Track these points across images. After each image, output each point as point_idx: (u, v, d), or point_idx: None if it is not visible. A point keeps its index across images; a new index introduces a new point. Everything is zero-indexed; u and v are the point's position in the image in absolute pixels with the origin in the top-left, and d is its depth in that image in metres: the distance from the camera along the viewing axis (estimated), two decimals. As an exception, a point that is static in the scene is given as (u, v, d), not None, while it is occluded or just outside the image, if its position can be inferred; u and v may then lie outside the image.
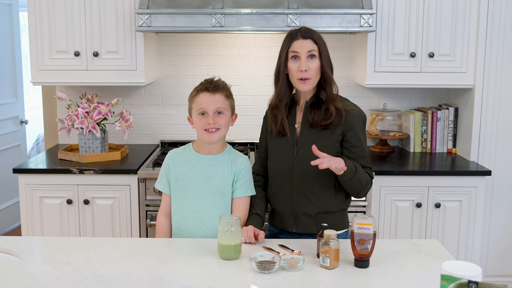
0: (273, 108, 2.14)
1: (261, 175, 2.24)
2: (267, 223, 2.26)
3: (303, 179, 2.06)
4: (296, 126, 2.10)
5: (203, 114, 2.08)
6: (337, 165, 1.90)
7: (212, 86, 2.08)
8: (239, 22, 2.93)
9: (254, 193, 2.16)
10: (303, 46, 2.01)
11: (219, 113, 2.08)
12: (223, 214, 1.92)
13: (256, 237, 1.98)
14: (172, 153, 2.19)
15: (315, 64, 2.01)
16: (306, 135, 2.07)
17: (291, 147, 2.08)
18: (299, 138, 2.08)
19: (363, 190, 2.05)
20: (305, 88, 2.04)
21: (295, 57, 2.02)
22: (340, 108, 2.04)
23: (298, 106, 2.13)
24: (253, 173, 2.26)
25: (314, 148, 1.91)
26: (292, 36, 2.04)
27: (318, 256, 1.85)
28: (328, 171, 1.97)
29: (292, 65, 2.03)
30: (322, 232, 1.82)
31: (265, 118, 2.24)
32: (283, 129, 2.10)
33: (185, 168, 2.13)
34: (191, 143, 2.21)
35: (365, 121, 2.11)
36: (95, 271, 1.74)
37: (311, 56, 2.01)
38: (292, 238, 2.13)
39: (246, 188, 2.14)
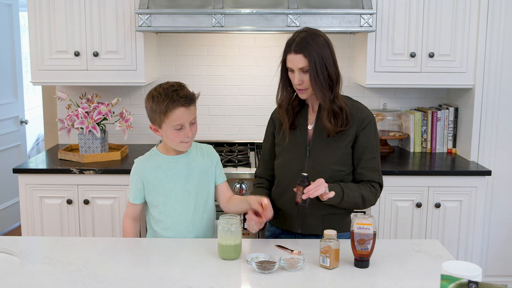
0: (279, 105, 2.15)
1: (264, 178, 2.24)
2: (268, 223, 2.26)
3: (313, 180, 2.05)
4: (309, 127, 2.10)
5: (179, 128, 2.01)
6: (327, 189, 1.90)
7: (188, 100, 1.99)
8: (239, 22, 2.93)
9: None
10: (294, 62, 1.98)
11: (193, 123, 2.05)
12: (223, 214, 1.92)
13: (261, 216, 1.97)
14: (140, 162, 2.13)
15: (308, 77, 1.99)
16: (319, 137, 2.06)
17: (303, 147, 2.08)
18: (312, 139, 2.08)
19: (360, 207, 2.05)
20: (304, 97, 2.06)
21: (291, 69, 2.02)
22: (348, 113, 2.03)
23: (310, 108, 2.12)
24: (256, 176, 2.27)
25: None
26: (286, 48, 2.02)
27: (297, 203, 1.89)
28: (337, 172, 2.03)
29: (290, 75, 2.04)
30: (303, 181, 1.86)
31: (270, 121, 2.24)
32: (283, 130, 2.11)
33: (160, 173, 2.10)
34: (155, 147, 2.16)
35: (375, 123, 2.10)
36: (95, 271, 1.74)
37: (304, 70, 1.99)
38: (295, 238, 2.13)
39: (223, 173, 2.22)
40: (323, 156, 2.04)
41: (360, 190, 2.02)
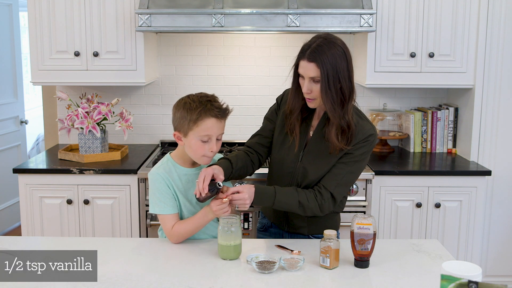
0: (290, 111, 2.06)
1: (251, 148, 2.18)
2: (261, 214, 2.27)
3: (302, 183, 2.04)
4: (310, 133, 2.05)
5: (206, 141, 1.92)
6: (238, 205, 1.90)
7: (221, 112, 1.92)
8: (239, 22, 2.92)
9: None
10: (305, 70, 1.89)
11: (219, 139, 1.96)
12: (222, 215, 1.91)
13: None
14: (161, 174, 1.97)
15: (318, 87, 1.89)
16: (316, 144, 2.02)
17: (298, 151, 2.04)
18: (308, 145, 2.04)
19: (301, 213, 1.98)
20: (312, 106, 1.98)
21: (302, 76, 1.94)
22: (353, 133, 1.95)
23: (316, 113, 2.06)
24: (246, 146, 2.21)
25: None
26: (301, 53, 1.93)
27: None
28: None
29: (300, 81, 1.96)
30: (212, 189, 1.85)
31: (278, 99, 2.17)
32: (294, 137, 2.05)
33: (180, 186, 2.00)
34: (169, 157, 2.04)
35: (372, 146, 2.00)
36: (95, 271, 1.74)
37: (314, 80, 1.89)
38: (283, 235, 2.14)
39: (230, 183, 2.17)
40: (313, 165, 2.00)
41: (298, 197, 1.95)
